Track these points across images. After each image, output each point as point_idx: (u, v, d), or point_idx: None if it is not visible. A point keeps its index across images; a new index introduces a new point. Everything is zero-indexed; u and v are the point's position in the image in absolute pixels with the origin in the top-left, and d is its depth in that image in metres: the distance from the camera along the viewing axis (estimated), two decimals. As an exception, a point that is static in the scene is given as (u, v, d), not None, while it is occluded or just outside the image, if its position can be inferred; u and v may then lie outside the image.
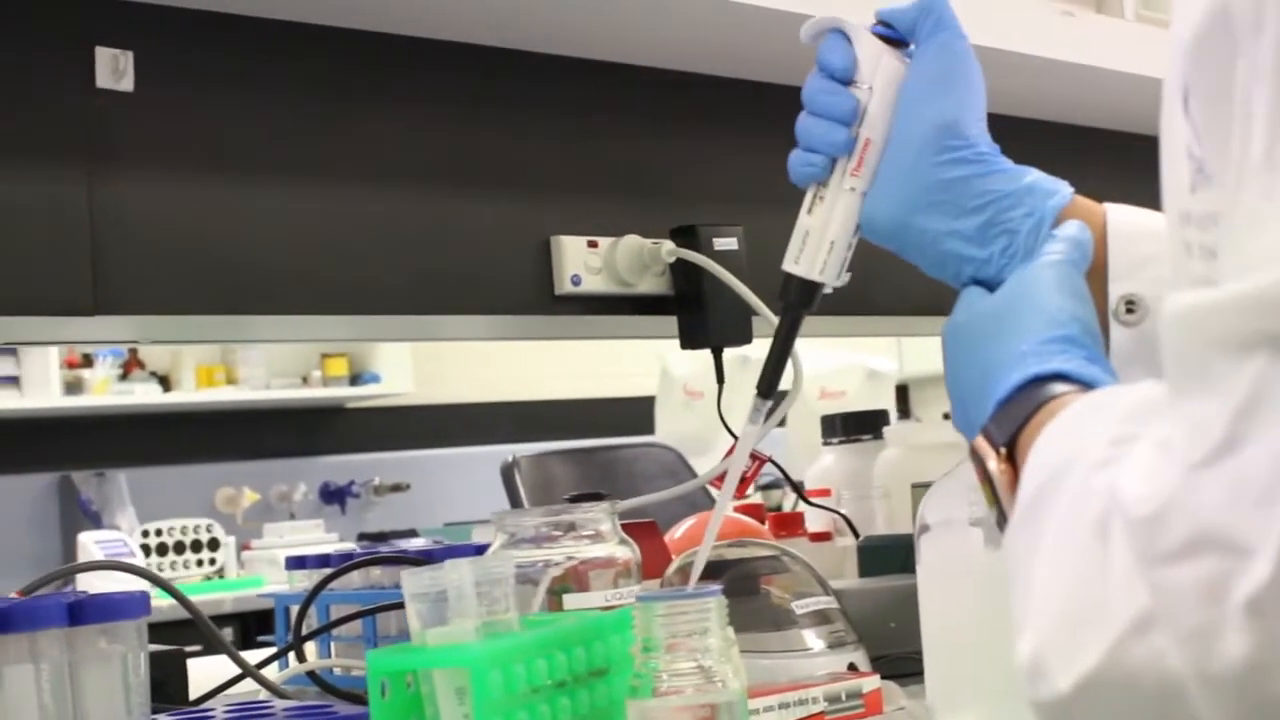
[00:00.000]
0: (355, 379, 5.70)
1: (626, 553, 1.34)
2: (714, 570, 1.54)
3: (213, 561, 4.96)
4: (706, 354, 1.95)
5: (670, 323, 1.94)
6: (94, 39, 1.56)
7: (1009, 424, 0.90)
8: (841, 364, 5.50)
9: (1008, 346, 0.96)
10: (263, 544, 4.99)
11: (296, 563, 1.81)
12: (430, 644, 1.03)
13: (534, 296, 1.85)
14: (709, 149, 2.06)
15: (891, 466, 2.18)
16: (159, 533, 4.91)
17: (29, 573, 1.63)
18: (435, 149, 1.82)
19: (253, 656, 1.59)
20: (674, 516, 2.10)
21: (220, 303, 1.64)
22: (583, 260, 1.87)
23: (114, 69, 1.55)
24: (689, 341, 1.94)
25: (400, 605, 1.13)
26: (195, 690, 1.59)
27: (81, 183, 1.55)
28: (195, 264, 1.62)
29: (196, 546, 4.95)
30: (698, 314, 1.91)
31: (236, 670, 1.51)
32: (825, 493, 2.23)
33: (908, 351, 5.73)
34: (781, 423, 4.74)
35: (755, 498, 2.81)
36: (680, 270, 1.91)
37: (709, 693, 1.04)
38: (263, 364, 5.50)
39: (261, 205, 1.68)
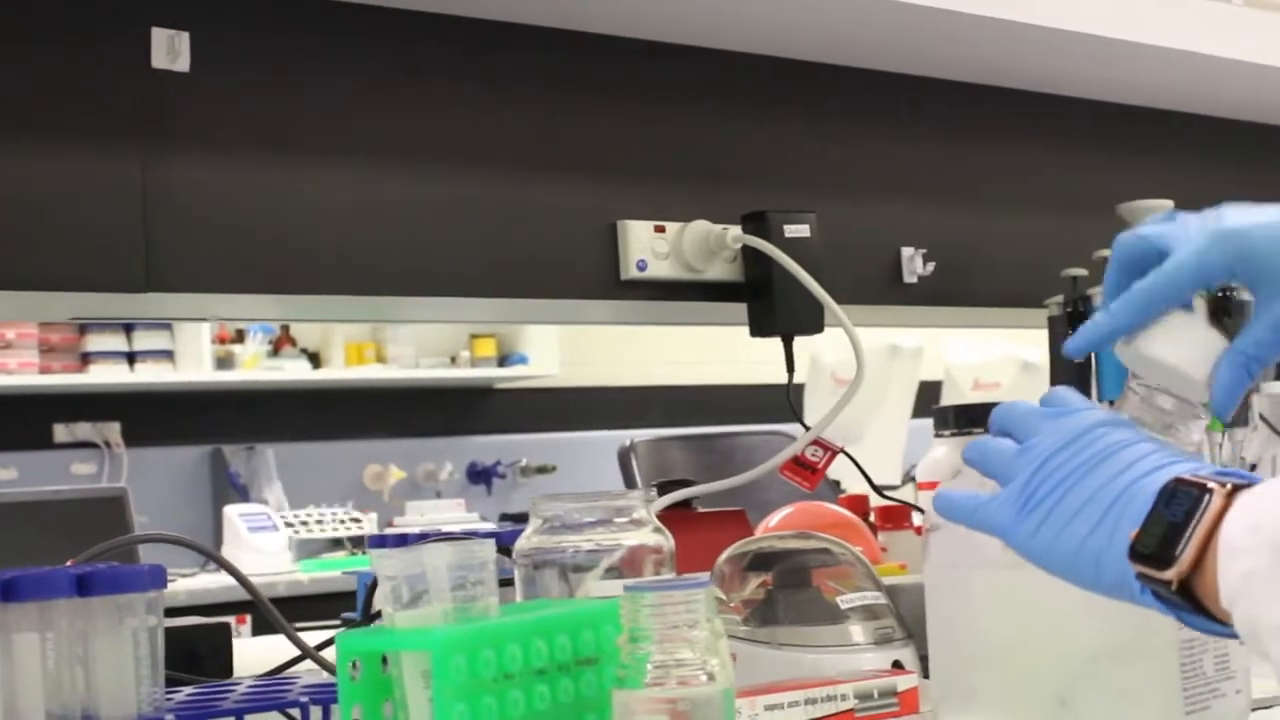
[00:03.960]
0: (503, 360, 5.73)
1: (661, 541, 1.32)
2: (765, 561, 1.52)
3: (356, 540, 5.03)
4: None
5: (741, 310, 1.92)
6: (150, 19, 1.58)
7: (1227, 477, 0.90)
8: (996, 356, 5.42)
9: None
10: (404, 522, 5.05)
11: (378, 542, 1.83)
12: (398, 626, 1.03)
13: (599, 281, 1.85)
14: (784, 133, 2.04)
15: (999, 461, 2.14)
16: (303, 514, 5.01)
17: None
18: (500, 132, 1.82)
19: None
20: (775, 504, 2.08)
21: (270, 282, 1.65)
22: (649, 245, 1.86)
23: (169, 49, 1.57)
24: (758, 329, 1.92)
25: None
26: (261, 667, 1.60)
27: (136, 162, 1.58)
28: (246, 243, 1.64)
29: (340, 522, 5.03)
30: (766, 301, 1.88)
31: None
32: (935, 485, 2.20)
33: (1068, 343, 5.62)
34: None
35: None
36: (751, 256, 1.89)
37: (694, 685, 1.02)
38: (412, 343, 5.56)
39: (316, 187, 1.70)
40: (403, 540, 1.76)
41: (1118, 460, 0.97)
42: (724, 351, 5.98)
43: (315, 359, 5.47)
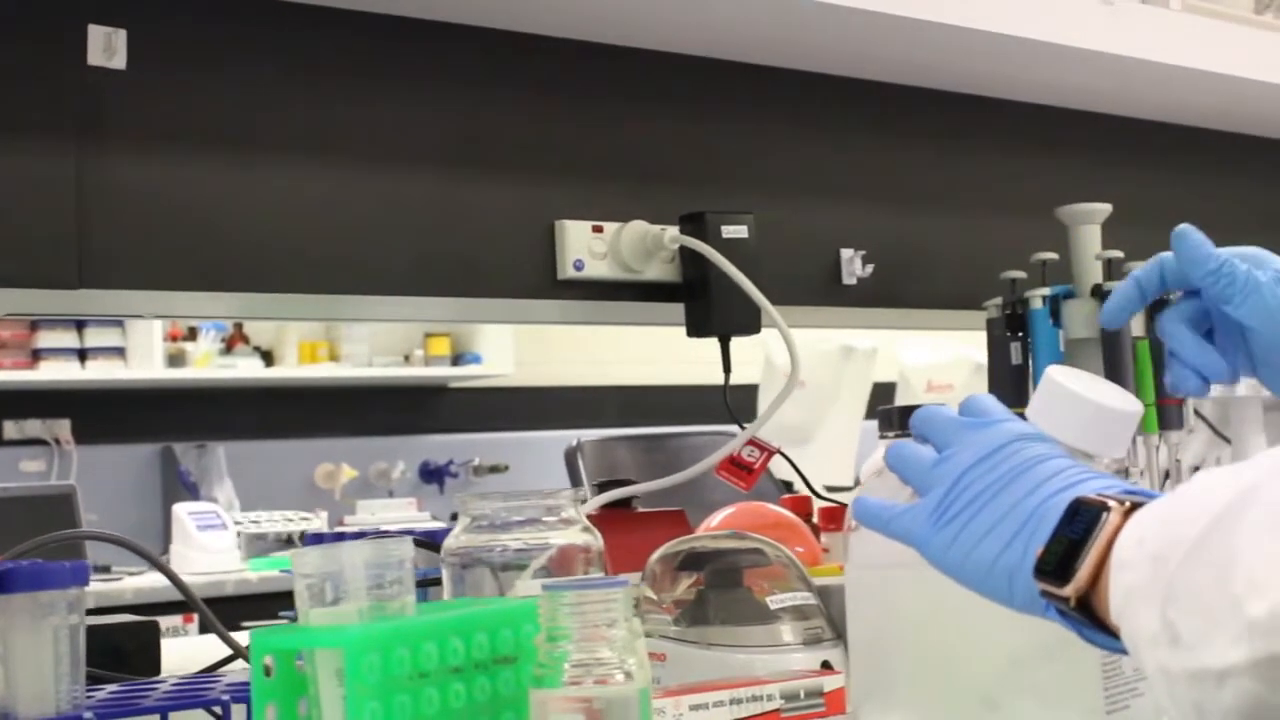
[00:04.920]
0: (457, 359, 5.72)
1: (590, 540, 1.32)
2: (697, 561, 1.53)
3: (304, 535, 5.01)
4: (811, 343, 1.92)
5: (678, 310, 1.92)
6: (87, 17, 1.58)
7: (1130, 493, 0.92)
8: (949, 357, 5.43)
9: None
10: (354, 520, 5.02)
11: (315, 540, 1.82)
12: (312, 624, 1.03)
13: (536, 281, 1.85)
14: (723, 134, 2.04)
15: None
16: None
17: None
18: (438, 131, 1.82)
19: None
20: (720, 504, 2.08)
21: (206, 279, 1.65)
22: (587, 245, 1.86)
23: (106, 47, 1.56)
24: (695, 330, 1.92)
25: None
26: (194, 666, 1.59)
27: (70, 159, 1.57)
28: (182, 241, 1.63)
29: (289, 521, 5.01)
30: (703, 302, 1.89)
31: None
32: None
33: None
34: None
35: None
36: (688, 257, 1.89)
37: (611, 684, 1.02)
38: (365, 341, 5.54)
39: (254, 185, 1.69)
40: (340, 539, 1.76)
41: (1032, 476, 0.97)
42: (678, 352, 5.93)
43: (268, 357, 5.45)
